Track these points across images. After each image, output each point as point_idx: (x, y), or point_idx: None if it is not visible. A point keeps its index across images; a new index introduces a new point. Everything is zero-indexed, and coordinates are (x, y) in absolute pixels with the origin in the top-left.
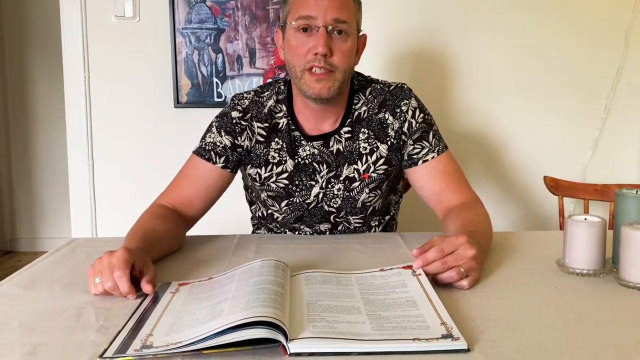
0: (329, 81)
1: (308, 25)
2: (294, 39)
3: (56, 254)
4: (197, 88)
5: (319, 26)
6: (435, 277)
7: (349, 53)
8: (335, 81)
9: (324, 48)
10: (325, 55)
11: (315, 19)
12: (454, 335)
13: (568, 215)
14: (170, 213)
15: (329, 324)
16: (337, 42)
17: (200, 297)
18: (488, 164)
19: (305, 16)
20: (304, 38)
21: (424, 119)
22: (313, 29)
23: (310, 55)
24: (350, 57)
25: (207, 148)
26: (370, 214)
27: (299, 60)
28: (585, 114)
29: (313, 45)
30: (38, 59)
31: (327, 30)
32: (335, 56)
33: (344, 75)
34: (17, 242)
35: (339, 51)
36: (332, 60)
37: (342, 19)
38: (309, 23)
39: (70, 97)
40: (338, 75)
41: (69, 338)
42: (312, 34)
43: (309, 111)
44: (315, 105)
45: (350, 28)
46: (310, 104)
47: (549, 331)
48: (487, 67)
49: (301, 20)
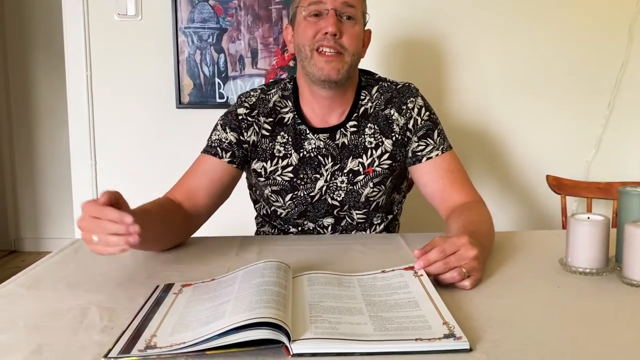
0: (339, 62)
1: (318, 11)
2: (305, 24)
3: (60, 254)
4: (199, 88)
5: (329, 9)
6: (437, 277)
7: (358, 37)
8: (345, 64)
9: (334, 27)
10: (335, 36)
11: (325, 4)
12: (456, 335)
13: (571, 214)
14: (170, 202)
15: (331, 324)
16: (347, 26)
17: (203, 298)
18: (490, 163)
19: (315, 1)
20: (314, 21)
21: (429, 117)
22: (323, 13)
23: (319, 35)
24: (359, 42)
25: (214, 145)
26: (374, 210)
27: (308, 41)
28: (588, 111)
29: (323, 26)
30: (40, 59)
31: (337, 13)
32: (344, 37)
33: (353, 58)
34: (21, 242)
35: (348, 33)
36: (342, 42)
37: (350, 2)
38: (319, 8)
39: (73, 97)
40: (347, 57)
41: (73, 338)
42: (321, 17)
43: (316, 100)
44: (323, 93)
45: (357, 14)
46: (317, 92)
47: (552, 330)
48: (487, 63)
49: (312, 5)
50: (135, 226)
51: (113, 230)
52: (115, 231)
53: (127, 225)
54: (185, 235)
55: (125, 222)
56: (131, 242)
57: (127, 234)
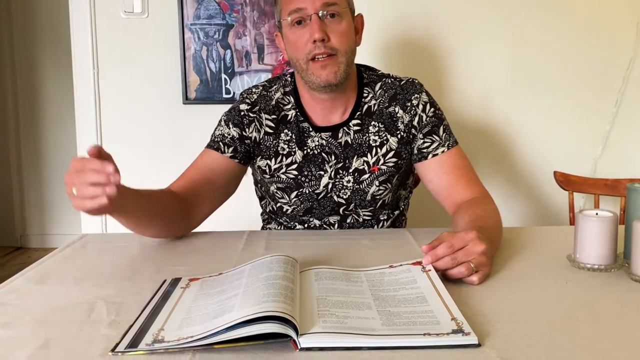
0: (334, 65)
1: (300, 18)
2: (291, 34)
3: (67, 250)
4: (205, 84)
5: (310, 14)
6: (445, 272)
7: (346, 34)
8: (340, 64)
9: (319, 34)
10: (323, 40)
11: (305, 9)
12: (465, 330)
13: (579, 210)
14: (169, 191)
15: (339, 319)
16: (332, 26)
17: (210, 293)
18: (496, 159)
19: (295, 9)
20: (299, 31)
21: (434, 113)
22: (306, 19)
23: (309, 45)
24: (349, 38)
25: (217, 140)
26: (380, 208)
27: (300, 53)
28: (595, 108)
29: (309, 34)
30: (47, 57)
31: (319, 16)
32: (332, 39)
33: (347, 56)
34: (27, 238)
35: (335, 33)
36: (331, 44)
37: (330, 1)
38: (301, 15)
39: (80, 95)
40: (341, 57)
41: (81, 332)
42: (306, 24)
43: (316, 103)
44: (323, 96)
45: (341, 9)
46: (318, 96)
47: (561, 326)
48: (493, 59)
49: (293, 14)
50: (116, 175)
51: (93, 180)
52: (95, 181)
53: (107, 174)
54: (184, 227)
55: (106, 171)
56: (109, 192)
57: (107, 184)
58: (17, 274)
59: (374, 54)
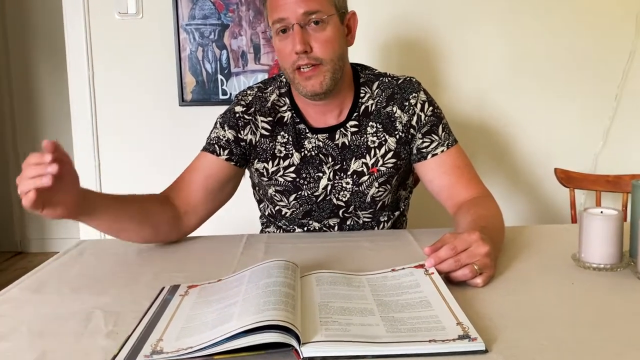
0: (319, 76)
1: (284, 27)
2: (277, 43)
3: (64, 257)
4: (201, 85)
5: (292, 24)
6: (449, 275)
7: (331, 41)
8: (326, 73)
9: (301, 46)
10: (306, 52)
11: (287, 19)
12: (471, 335)
13: (583, 209)
14: (156, 196)
15: (342, 326)
16: (315, 34)
17: (209, 300)
18: (495, 157)
19: (278, 19)
20: (284, 40)
21: (433, 112)
22: (289, 28)
23: (293, 55)
24: (334, 44)
25: (212, 142)
26: (380, 209)
27: (286, 63)
28: (595, 103)
29: (292, 45)
30: (43, 59)
31: (301, 25)
32: (316, 49)
33: (333, 64)
34: (27, 243)
35: (318, 42)
36: (315, 54)
37: (311, 10)
38: (284, 25)
39: (75, 97)
40: (326, 66)
41: (78, 344)
42: (289, 34)
43: (310, 107)
44: (313, 102)
45: (324, 15)
46: (309, 101)
47: (569, 329)
48: (490, 55)
49: (276, 24)
50: (53, 166)
51: (31, 174)
52: (32, 175)
53: (44, 164)
54: (175, 232)
55: (44, 161)
56: (44, 182)
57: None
58: (13, 282)
59: (371, 52)
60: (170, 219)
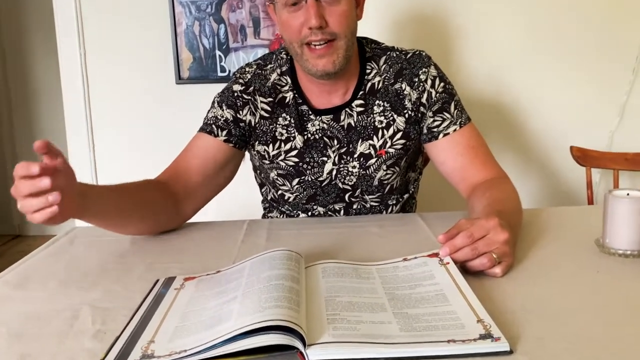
0: (332, 54)
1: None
2: (284, 15)
3: (53, 246)
4: (199, 62)
5: None
6: (465, 264)
7: (347, 15)
8: (340, 50)
9: (316, 20)
10: (321, 27)
11: None
12: (494, 335)
13: (608, 191)
14: (154, 183)
15: (351, 325)
16: (330, 8)
17: (207, 295)
18: (507, 134)
19: None
20: (294, 13)
21: (444, 89)
22: (300, 1)
23: (304, 30)
24: (349, 19)
25: (209, 122)
26: (388, 193)
27: (294, 37)
28: (611, 77)
29: (305, 19)
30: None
31: None
32: (331, 23)
33: (347, 40)
34: (25, 226)
35: (334, 16)
36: (330, 29)
37: None
38: None
39: (66, 76)
40: (340, 42)
41: (62, 346)
42: (301, 6)
43: (314, 86)
44: (321, 81)
45: None
46: (315, 80)
47: (599, 324)
48: (503, 29)
49: None
50: (44, 181)
51: (27, 191)
52: (29, 191)
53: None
54: (174, 219)
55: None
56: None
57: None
58: None
59: (382, 28)
60: (170, 207)
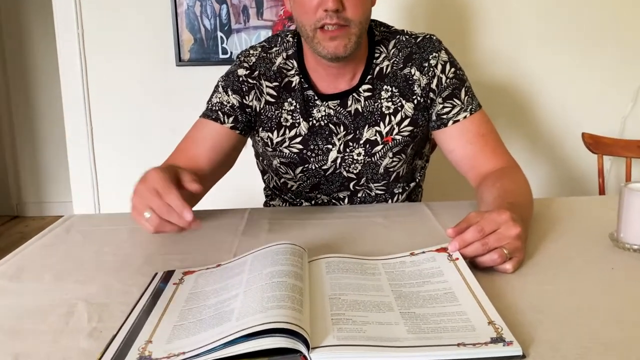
0: (344, 38)
1: None
2: None
3: (49, 235)
4: (200, 44)
5: None
6: (474, 260)
7: (363, 1)
8: (352, 36)
9: (334, 3)
10: (337, 10)
11: None
12: (506, 338)
13: (624, 183)
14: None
15: (356, 326)
16: None
17: (207, 291)
18: (516, 120)
19: None
20: None
21: (455, 74)
22: None
23: (320, 12)
24: (365, 5)
25: (214, 109)
26: (394, 181)
27: (308, 19)
28: (624, 61)
29: (321, 1)
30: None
31: None
32: (348, 9)
33: (361, 27)
34: (24, 206)
35: (352, 2)
36: (345, 14)
37: None
38: None
39: (64, 58)
40: (354, 29)
41: (56, 345)
42: None
43: (322, 68)
44: (330, 64)
45: None
46: (324, 62)
47: (615, 327)
48: (514, 13)
49: None
50: (197, 222)
51: (167, 217)
52: (169, 219)
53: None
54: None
55: (185, 219)
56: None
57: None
58: None
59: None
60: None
